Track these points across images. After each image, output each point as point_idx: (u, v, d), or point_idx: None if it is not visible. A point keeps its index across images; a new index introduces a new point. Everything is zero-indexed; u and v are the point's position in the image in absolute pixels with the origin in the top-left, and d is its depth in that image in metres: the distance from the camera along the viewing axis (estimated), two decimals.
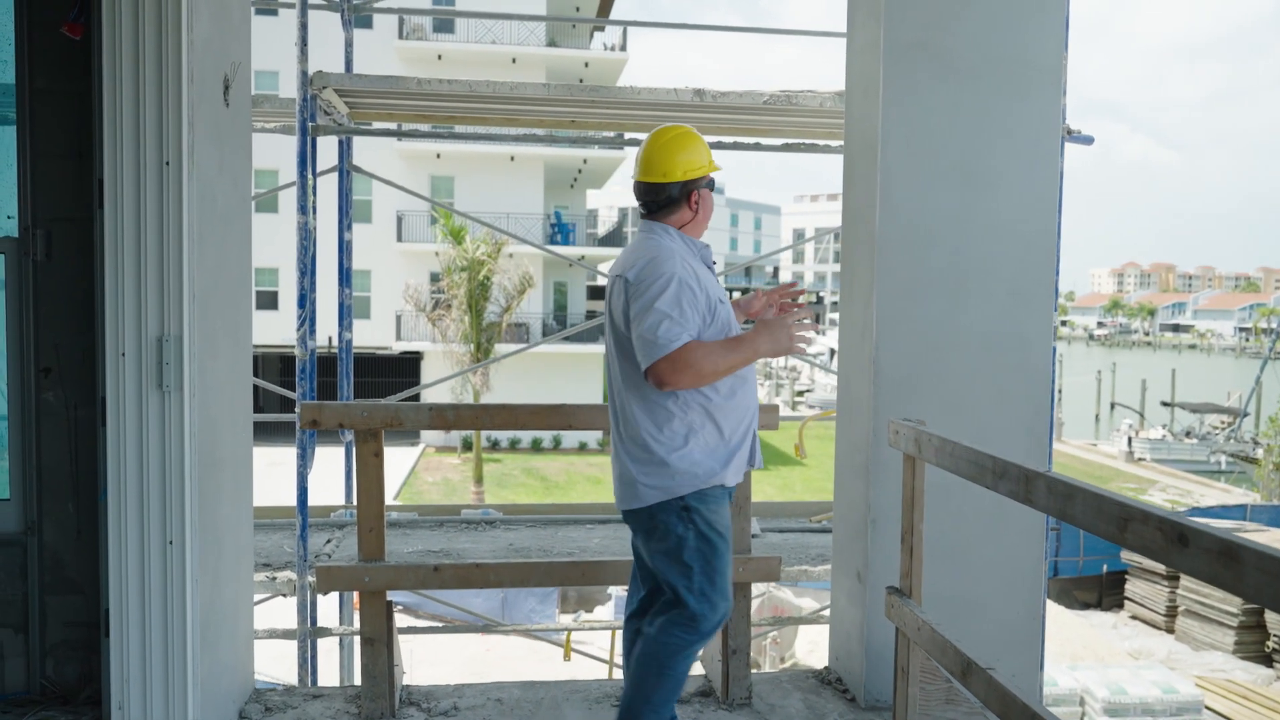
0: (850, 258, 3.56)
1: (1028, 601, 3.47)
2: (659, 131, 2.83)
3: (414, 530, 5.49)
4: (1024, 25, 3.31)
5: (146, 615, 2.82)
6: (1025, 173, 3.36)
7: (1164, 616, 14.38)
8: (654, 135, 2.83)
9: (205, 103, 2.92)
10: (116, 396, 2.79)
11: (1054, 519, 2.30)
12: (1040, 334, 3.41)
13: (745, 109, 4.97)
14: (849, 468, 3.56)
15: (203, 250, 2.88)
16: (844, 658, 3.61)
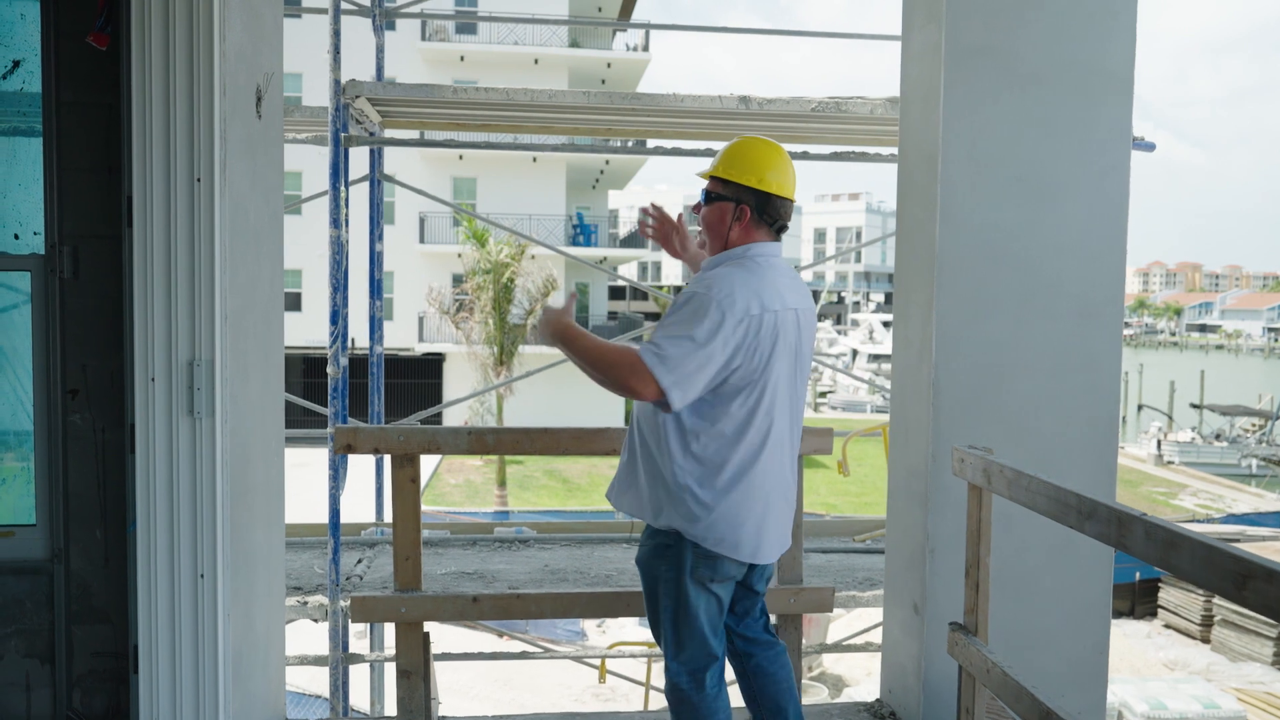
0: (906, 273, 3.40)
1: (1094, 636, 3.30)
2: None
3: (446, 550, 5.37)
4: (1094, 29, 3.14)
5: (177, 651, 2.71)
6: (1094, 184, 3.19)
7: (1199, 626, 14.10)
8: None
9: (237, 115, 2.80)
10: (146, 423, 2.67)
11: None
12: (1109, 354, 3.24)
13: (792, 116, 4.81)
14: (904, 493, 3.40)
15: (234, 269, 2.77)
16: (898, 692, 3.45)
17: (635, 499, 2.59)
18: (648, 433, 2.53)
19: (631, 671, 7.54)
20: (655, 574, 2.57)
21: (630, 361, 2.32)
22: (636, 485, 2.58)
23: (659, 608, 2.58)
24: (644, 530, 2.63)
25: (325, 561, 5.10)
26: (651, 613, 2.64)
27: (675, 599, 2.53)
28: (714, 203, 2.58)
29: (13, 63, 3.16)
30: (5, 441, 3.21)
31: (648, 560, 2.59)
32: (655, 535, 2.57)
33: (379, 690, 5.81)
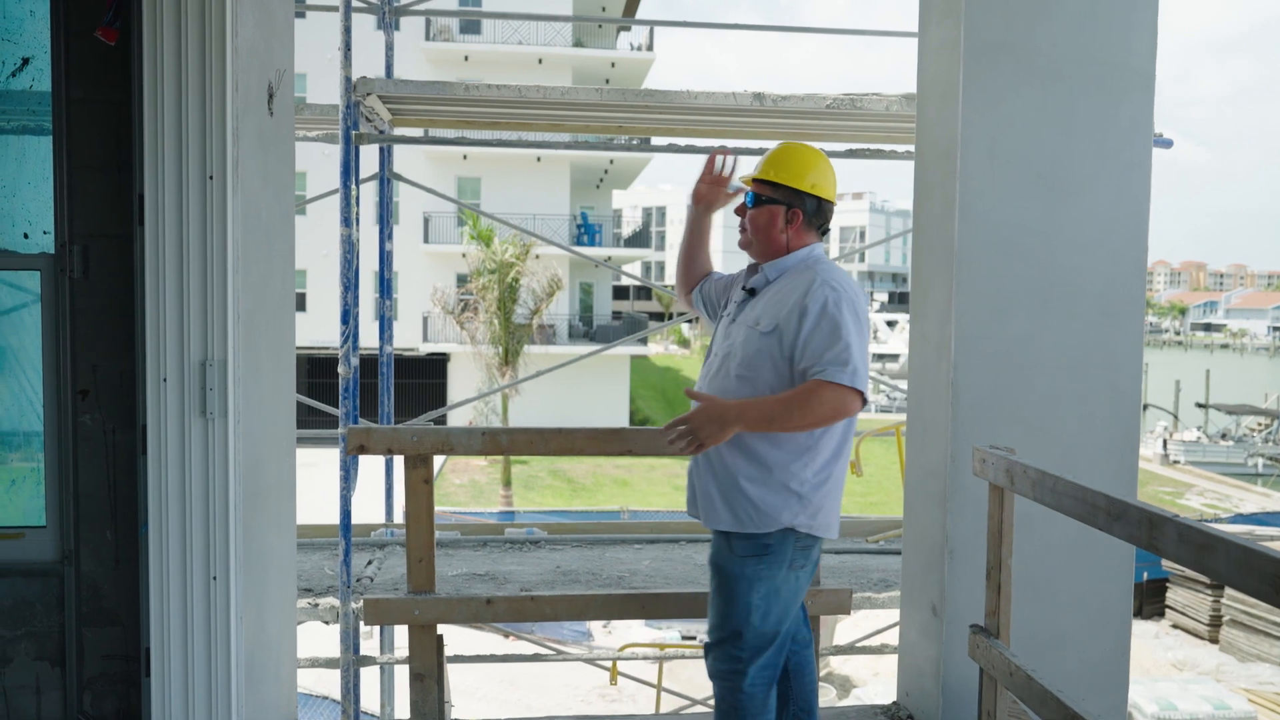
0: (923, 271, 3.36)
1: (1115, 638, 3.27)
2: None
3: (457, 550, 5.34)
4: (1115, 24, 3.10)
5: (189, 654, 2.68)
6: (1115, 181, 3.15)
7: (1207, 626, 14.04)
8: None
9: (249, 112, 2.77)
10: (158, 424, 2.65)
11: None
12: (1130, 353, 3.20)
13: (807, 113, 4.77)
14: (922, 493, 3.36)
15: (247, 268, 2.74)
16: (916, 695, 3.41)
17: (737, 510, 2.52)
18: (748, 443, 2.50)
19: (639, 672, 7.51)
20: (749, 577, 2.51)
21: (829, 394, 2.39)
22: (738, 496, 2.51)
23: (742, 613, 2.51)
24: (731, 539, 2.54)
25: (335, 563, 5.07)
26: (727, 619, 2.54)
27: (768, 600, 2.52)
28: (763, 205, 2.63)
29: (22, 60, 3.13)
30: (15, 442, 3.19)
31: (740, 566, 2.52)
32: (754, 539, 2.51)
33: (389, 693, 5.78)
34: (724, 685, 2.57)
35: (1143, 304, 3.25)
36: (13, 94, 3.14)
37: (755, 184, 2.65)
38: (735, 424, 2.42)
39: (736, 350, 2.56)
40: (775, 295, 2.56)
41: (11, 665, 3.09)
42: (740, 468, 2.51)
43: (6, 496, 3.17)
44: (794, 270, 2.59)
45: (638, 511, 18.13)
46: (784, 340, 2.49)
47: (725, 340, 2.63)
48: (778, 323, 2.50)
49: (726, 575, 2.55)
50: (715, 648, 2.57)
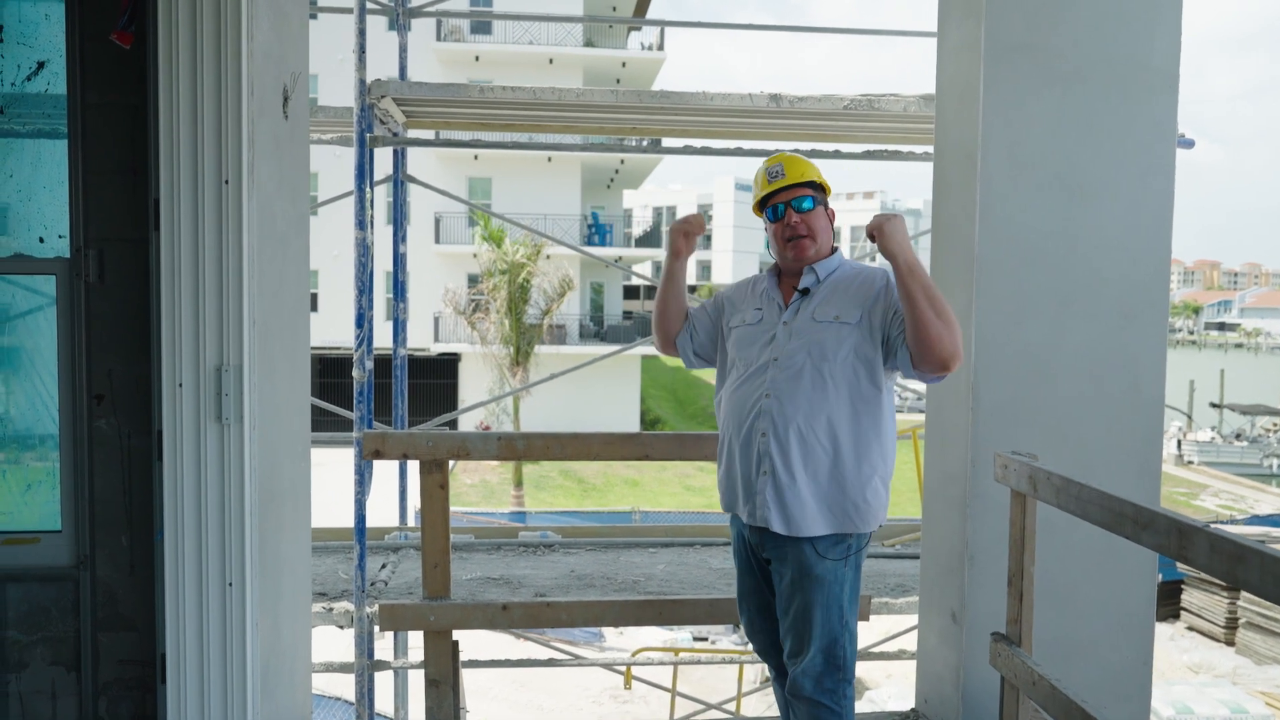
0: (942, 274, 3.33)
1: (1138, 645, 3.23)
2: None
3: (471, 554, 5.32)
4: (1138, 24, 3.06)
5: (205, 660, 2.67)
6: (1137, 183, 3.11)
7: (1223, 629, 13.93)
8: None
9: (265, 116, 2.76)
10: (174, 429, 2.64)
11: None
12: (1152, 358, 3.16)
13: (824, 114, 4.73)
14: (941, 499, 3.32)
15: (262, 273, 2.72)
16: (935, 702, 3.38)
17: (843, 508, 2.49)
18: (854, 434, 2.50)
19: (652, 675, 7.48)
20: (841, 579, 2.50)
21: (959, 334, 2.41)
22: (844, 495, 2.49)
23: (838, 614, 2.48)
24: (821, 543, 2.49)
25: (349, 566, 5.06)
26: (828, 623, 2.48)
27: (852, 602, 2.53)
28: (820, 208, 2.69)
29: (37, 64, 3.12)
30: (31, 447, 3.18)
31: (833, 569, 2.49)
32: (842, 540, 2.50)
33: (403, 697, 5.77)
34: (829, 700, 2.49)
35: (1166, 307, 3.20)
36: (28, 97, 3.14)
37: (802, 188, 2.65)
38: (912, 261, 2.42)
39: (823, 344, 2.52)
40: (842, 291, 2.59)
41: (28, 670, 3.09)
42: (848, 463, 2.48)
43: (22, 501, 3.17)
44: (843, 268, 2.67)
45: (649, 512, 18.11)
46: (869, 320, 2.53)
47: (791, 340, 2.56)
48: (863, 312, 2.53)
49: (817, 581, 2.48)
50: (814, 664, 2.48)
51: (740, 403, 2.58)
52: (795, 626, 2.51)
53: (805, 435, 2.49)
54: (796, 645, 2.51)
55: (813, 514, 2.49)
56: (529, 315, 23.71)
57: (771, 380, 2.54)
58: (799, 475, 2.48)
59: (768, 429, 2.51)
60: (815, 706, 2.49)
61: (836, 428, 2.49)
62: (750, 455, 2.54)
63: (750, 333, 2.66)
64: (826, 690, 2.48)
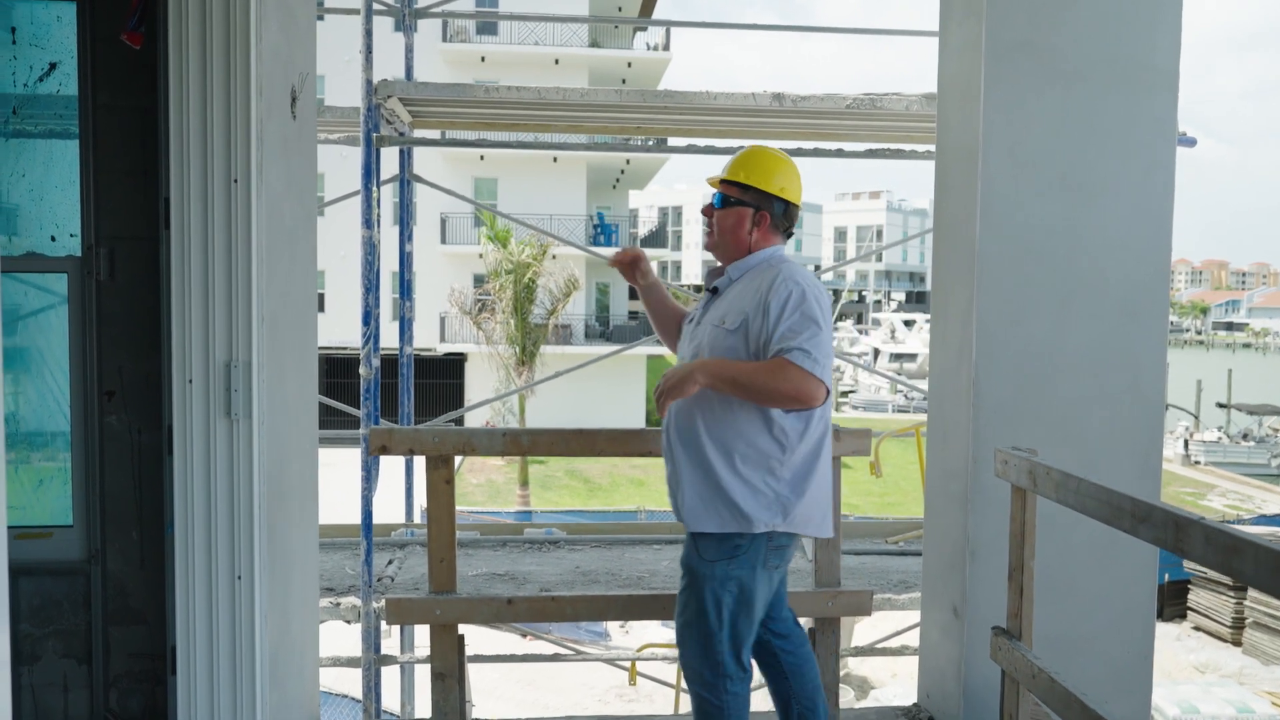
0: (944, 272, 3.35)
1: (1138, 640, 3.25)
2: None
3: (476, 550, 5.36)
4: (1139, 23, 3.08)
5: (214, 653, 2.71)
6: (1138, 181, 3.13)
7: (1230, 628, 13.90)
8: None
9: (273, 116, 2.80)
10: (184, 425, 2.67)
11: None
12: (1153, 355, 3.18)
13: (826, 113, 4.76)
14: (943, 495, 3.35)
15: (271, 271, 2.76)
16: (936, 696, 3.40)
17: (720, 510, 2.50)
18: (728, 438, 2.50)
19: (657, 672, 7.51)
20: (724, 578, 2.51)
21: (796, 375, 2.39)
22: (719, 495, 2.50)
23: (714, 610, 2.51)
24: (702, 541, 2.52)
25: (356, 562, 5.10)
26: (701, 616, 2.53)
27: (740, 597, 2.51)
28: (731, 207, 2.64)
29: (49, 65, 3.16)
30: (42, 443, 3.22)
31: (711, 568, 2.51)
32: (726, 540, 2.50)
33: (409, 692, 5.81)
34: (710, 695, 2.54)
35: (1166, 305, 3.22)
36: (40, 99, 3.18)
37: (723, 185, 2.67)
38: (699, 372, 2.45)
39: (704, 349, 2.56)
40: (739, 293, 2.58)
41: (39, 663, 3.13)
42: (718, 464, 2.49)
43: (34, 496, 3.21)
44: (757, 269, 2.61)
45: (654, 511, 18.12)
46: (751, 334, 2.50)
47: (691, 341, 2.64)
48: (744, 318, 2.51)
49: (696, 577, 2.53)
50: (692, 658, 2.55)
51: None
52: (679, 617, 2.59)
53: (685, 434, 2.54)
54: (678, 636, 2.59)
55: (695, 511, 2.52)
56: (535, 315, 23.75)
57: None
58: (684, 472, 2.54)
59: (668, 425, 2.60)
60: (698, 699, 2.57)
61: (711, 429, 2.50)
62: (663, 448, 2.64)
63: (685, 328, 2.76)
64: (707, 684, 2.53)
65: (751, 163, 2.66)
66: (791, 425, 2.50)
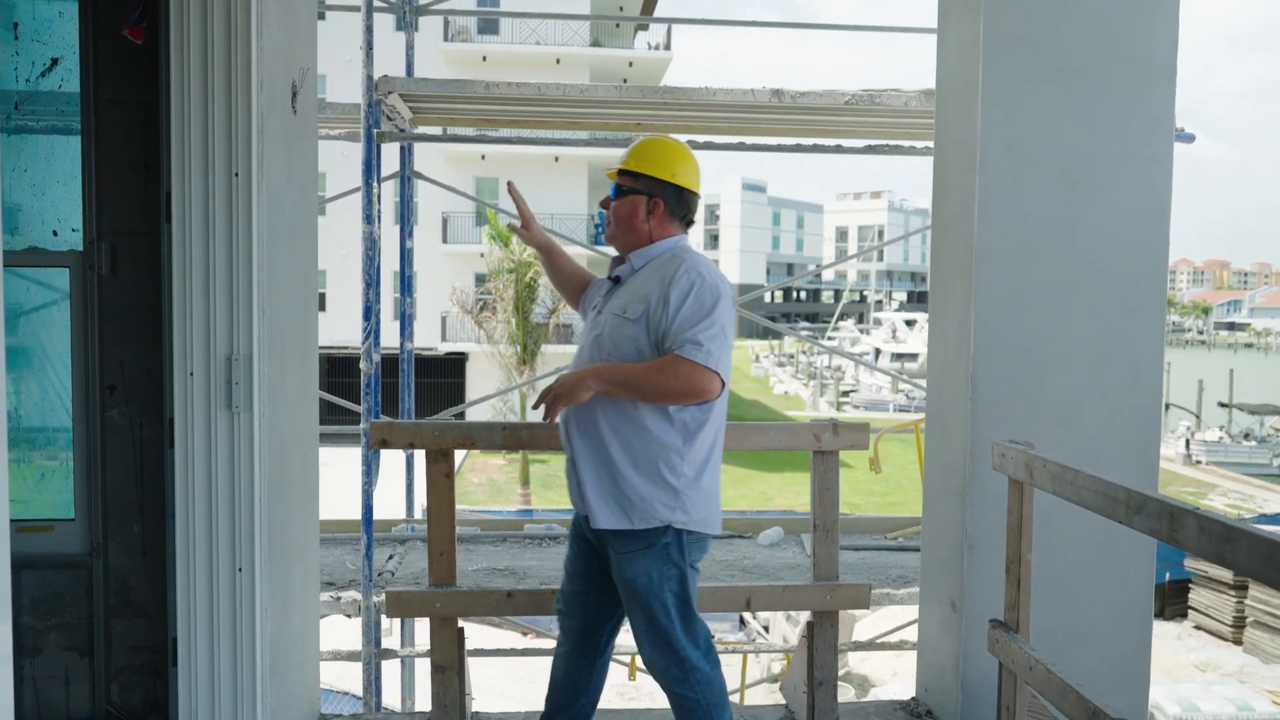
0: (942, 267, 3.36)
1: (1136, 634, 3.26)
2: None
3: (477, 546, 5.38)
4: (1136, 19, 3.09)
5: (215, 644, 2.72)
6: (1136, 177, 3.14)
7: (1231, 627, 13.90)
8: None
9: (273, 110, 2.81)
10: (185, 417, 2.68)
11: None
12: (1151, 349, 3.19)
13: (825, 109, 4.77)
14: (941, 489, 3.36)
15: (271, 264, 2.77)
16: (935, 690, 3.41)
17: (621, 505, 2.50)
18: (628, 433, 2.49)
19: None
20: (659, 577, 2.51)
21: (686, 369, 2.40)
22: (618, 490, 2.49)
23: (662, 611, 2.52)
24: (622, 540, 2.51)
25: (356, 557, 5.12)
26: (651, 621, 2.53)
27: (681, 593, 2.54)
28: (625, 196, 2.65)
29: (51, 60, 3.18)
30: (44, 437, 3.24)
31: (645, 566, 2.51)
32: (647, 536, 2.50)
33: (409, 686, 5.83)
34: (679, 687, 2.56)
35: (1164, 300, 3.23)
36: (42, 94, 3.20)
37: (618, 175, 2.67)
38: (591, 378, 2.44)
39: (605, 340, 2.55)
40: (641, 283, 2.57)
41: (41, 656, 3.15)
42: (618, 459, 2.49)
43: (36, 490, 3.23)
44: (660, 259, 2.60)
45: None
46: (651, 324, 2.48)
47: (593, 330, 2.63)
48: (646, 308, 2.49)
49: (626, 579, 2.53)
50: (653, 656, 2.56)
51: None
52: (633, 630, 2.58)
53: (585, 430, 2.53)
54: (638, 646, 2.59)
55: (599, 509, 2.51)
56: (536, 314, 23.76)
57: (573, 368, 2.60)
58: (585, 470, 2.53)
59: (566, 421, 2.58)
60: (674, 697, 2.58)
61: (612, 424, 2.49)
62: (563, 442, 2.61)
63: (588, 317, 2.75)
64: (678, 681, 2.55)
65: (644, 152, 2.66)
66: (692, 416, 2.49)
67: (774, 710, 3.45)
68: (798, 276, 12.38)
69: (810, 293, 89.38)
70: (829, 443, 3.15)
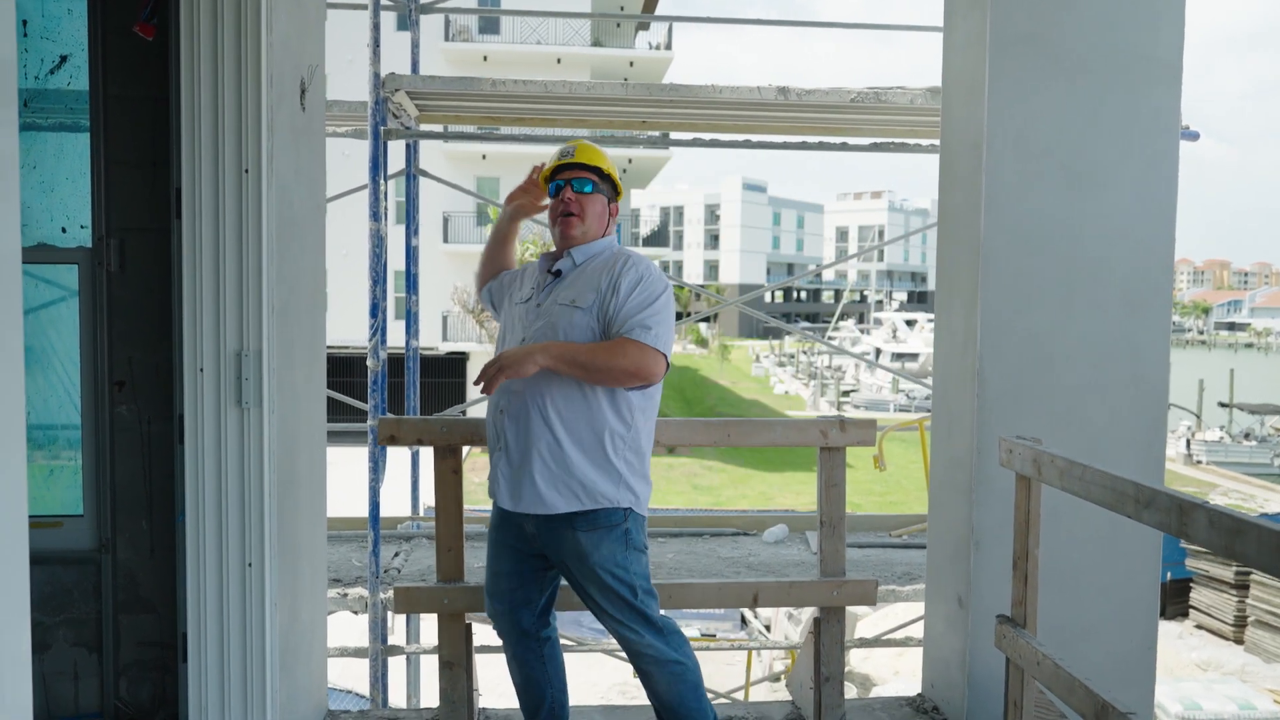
0: (948, 263, 3.37)
1: (1142, 630, 3.27)
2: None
3: (481, 543, 5.37)
4: (1142, 16, 3.10)
5: (225, 639, 2.73)
6: (1141, 173, 3.15)
7: (1232, 626, 13.91)
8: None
9: (282, 107, 2.82)
10: (195, 413, 2.69)
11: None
12: (1156, 345, 3.20)
13: (831, 107, 4.79)
14: (947, 485, 3.37)
15: (280, 260, 2.78)
16: (941, 686, 3.42)
17: (574, 492, 2.56)
18: (574, 417, 2.56)
19: None
20: (620, 560, 2.60)
21: (635, 350, 2.51)
22: (571, 474, 2.55)
23: (627, 595, 2.60)
24: (582, 522, 2.57)
25: (362, 554, 5.13)
26: (626, 604, 2.62)
27: (643, 575, 2.65)
28: (598, 194, 2.77)
29: (60, 58, 3.19)
30: (53, 434, 3.25)
31: (611, 552, 2.58)
32: (605, 517, 2.57)
33: (415, 684, 5.83)
34: (668, 656, 2.66)
35: (1169, 296, 3.24)
36: (50, 91, 3.20)
37: (588, 171, 2.75)
38: (539, 354, 2.50)
39: (555, 328, 2.60)
40: (588, 275, 2.67)
41: (50, 652, 3.15)
42: (565, 442, 2.55)
43: (45, 486, 3.24)
44: (602, 255, 2.73)
45: (656, 509, 18.14)
46: (602, 311, 2.59)
47: (537, 320, 2.66)
48: (596, 296, 2.60)
49: (597, 565, 2.58)
50: (637, 635, 2.63)
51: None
52: (609, 619, 2.65)
53: (528, 414, 2.57)
54: (618, 632, 2.67)
55: (549, 493, 2.57)
56: None
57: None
58: (531, 456, 2.57)
59: (506, 407, 2.62)
60: (667, 671, 2.70)
61: (558, 407, 2.55)
62: (493, 435, 2.66)
63: (517, 311, 2.77)
64: (666, 652, 2.67)
65: (602, 156, 2.79)
66: (636, 402, 2.61)
67: (780, 707, 3.46)
68: (798, 276, 12.41)
69: (810, 293, 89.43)
70: (836, 439, 3.17)
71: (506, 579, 2.75)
